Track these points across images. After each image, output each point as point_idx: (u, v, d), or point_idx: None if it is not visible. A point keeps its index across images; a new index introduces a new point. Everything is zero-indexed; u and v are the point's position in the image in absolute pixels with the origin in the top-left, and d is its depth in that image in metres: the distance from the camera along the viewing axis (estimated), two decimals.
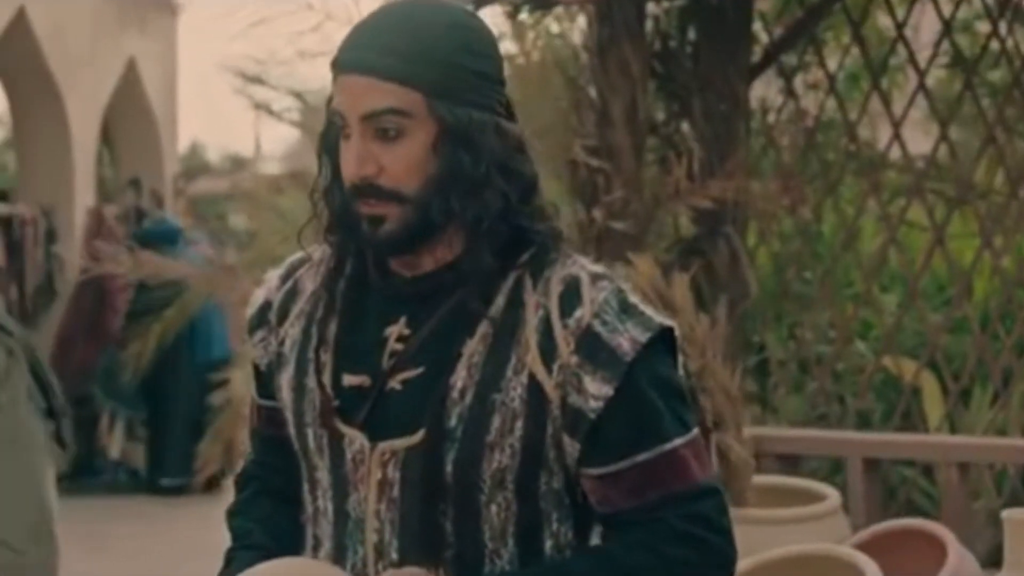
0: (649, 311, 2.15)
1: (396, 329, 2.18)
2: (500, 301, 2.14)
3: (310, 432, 2.23)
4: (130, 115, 13.27)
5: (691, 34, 6.49)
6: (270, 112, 7.68)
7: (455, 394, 2.11)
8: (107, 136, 13.58)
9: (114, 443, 11.90)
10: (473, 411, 2.10)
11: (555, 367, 2.09)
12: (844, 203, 6.81)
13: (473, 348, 2.12)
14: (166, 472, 11.20)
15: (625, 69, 6.04)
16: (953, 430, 6.07)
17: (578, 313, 2.09)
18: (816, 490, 4.66)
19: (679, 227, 6.59)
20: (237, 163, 23.73)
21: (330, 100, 2.17)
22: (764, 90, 6.88)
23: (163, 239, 11.34)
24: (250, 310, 2.36)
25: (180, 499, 10.85)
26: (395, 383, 2.15)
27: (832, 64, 6.61)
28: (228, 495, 2.50)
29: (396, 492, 2.15)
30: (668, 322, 2.17)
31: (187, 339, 10.97)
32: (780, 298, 6.76)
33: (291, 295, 2.31)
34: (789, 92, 6.63)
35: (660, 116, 6.51)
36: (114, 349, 11.33)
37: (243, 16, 7.19)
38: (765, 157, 6.80)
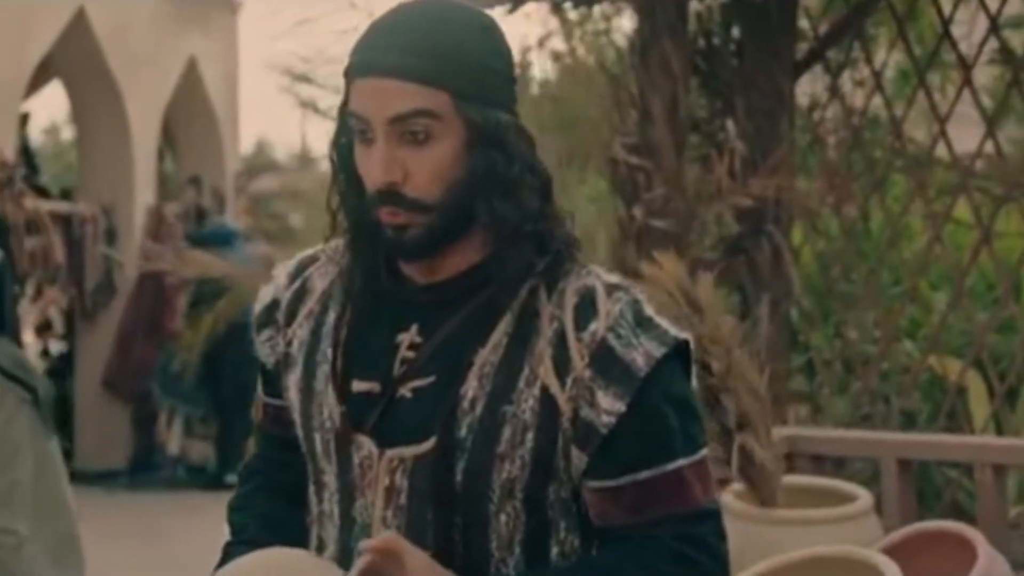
0: (665, 324, 2.13)
1: (408, 336, 2.17)
2: (515, 311, 2.12)
3: (318, 436, 2.23)
4: (191, 113, 13.34)
5: (735, 31, 6.44)
6: (316, 110, 7.69)
7: (466, 404, 2.10)
8: (168, 134, 13.66)
9: (173, 439, 12.01)
10: (484, 422, 2.09)
11: (568, 380, 2.07)
12: (891, 201, 6.73)
13: (485, 358, 2.11)
14: (231, 468, 11.28)
15: (666, 66, 6.01)
16: (999, 431, 5.99)
17: (593, 326, 2.08)
18: (848, 491, 4.61)
19: (722, 226, 6.54)
20: (304, 161, 23.80)
21: (343, 105, 2.15)
22: (810, 87, 6.81)
23: (217, 240, 11.43)
24: (258, 307, 2.36)
25: None
26: (405, 391, 2.15)
27: (878, 61, 6.53)
28: None
29: (403, 499, 2.14)
30: (684, 335, 2.15)
31: (245, 336, 11.02)
32: (826, 297, 6.69)
33: (300, 294, 2.31)
34: (835, 89, 6.56)
35: (703, 114, 6.46)
36: (172, 347, 11.42)
37: (289, 15, 7.24)
38: (811, 155, 6.74)
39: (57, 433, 12.73)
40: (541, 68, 8.65)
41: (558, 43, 7.05)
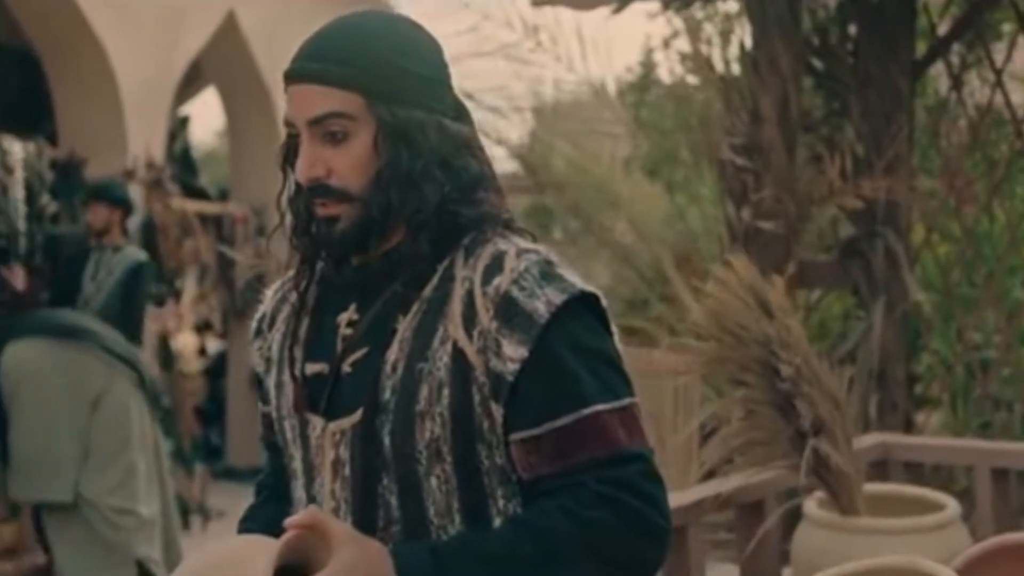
0: (573, 278, 2.17)
1: (346, 315, 2.28)
2: (435, 280, 2.20)
3: (287, 424, 2.34)
4: None
5: (851, 29, 6.33)
6: None
7: (388, 368, 2.17)
8: None
9: None
10: (404, 382, 2.15)
11: (475, 333, 2.13)
12: (1015, 202, 6.56)
13: (406, 324, 2.18)
14: None
15: (776, 66, 5.93)
16: None
17: (497, 280, 2.14)
18: (937, 500, 4.50)
19: (838, 228, 6.44)
20: None
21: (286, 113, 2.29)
22: (930, 85, 6.67)
23: None
24: (253, 323, 2.51)
25: None
26: (346, 366, 2.24)
27: (1000, 58, 6.37)
28: None
29: (347, 471, 2.23)
30: (591, 289, 2.18)
31: None
32: (946, 301, 6.55)
33: (280, 303, 2.45)
34: (955, 87, 6.42)
35: (818, 114, 6.37)
36: None
37: (452, 21, 7.29)
38: (931, 155, 6.61)
39: (211, 430, 13.03)
40: (669, 68, 8.58)
41: (684, 44, 6.96)
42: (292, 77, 2.22)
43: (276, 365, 2.39)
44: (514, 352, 2.10)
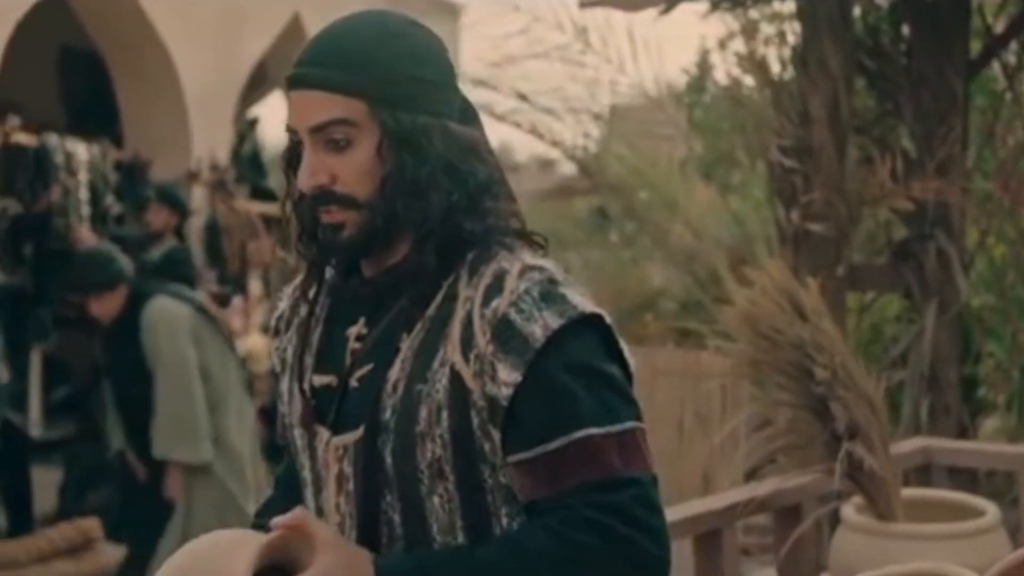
0: (576, 299, 2.12)
1: (356, 329, 2.26)
2: (439, 298, 2.17)
3: (296, 433, 2.34)
4: None
5: (905, 30, 6.26)
6: (493, 114, 7.72)
7: (389, 387, 2.16)
8: None
9: None
10: (404, 403, 2.14)
11: (472, 356, 2.10)
12: None
13: (408, 343, 2.16)
14: None
15: (825, 66, 5.88)
16: None
17: (495, 303, 2.10)
18: (978, 506, 4.44)
19: (890, 230, 6.37)
20: (543, 164, 23.93)
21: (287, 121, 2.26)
22: (986, 86, 6.59)
23: None
24: (272, 320, 2.49)
25: None
26: (354, 381, 2.23)
27: None
28: None
29: (351, 486, 2.22)
30: (593, 310, 2.13)
31: None
32: (1002, 303, 6.47)
33: (295, 305, 2.42)
34: (1011, 87, 6.34)
35: (870, 115, 6.30)
36: None
37: (513, 20, 7.28)
38: (986, 156, 6.52)
39: (273, 431, 13.12)
40: (725, 70, 8.53)
41: (740, 45, 6.91)
42: (293, 83, 2.17)
43: (288, 371, 2.38)
44: (508, 376, 2.07)
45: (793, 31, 6.63)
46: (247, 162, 12.77)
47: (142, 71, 10.12)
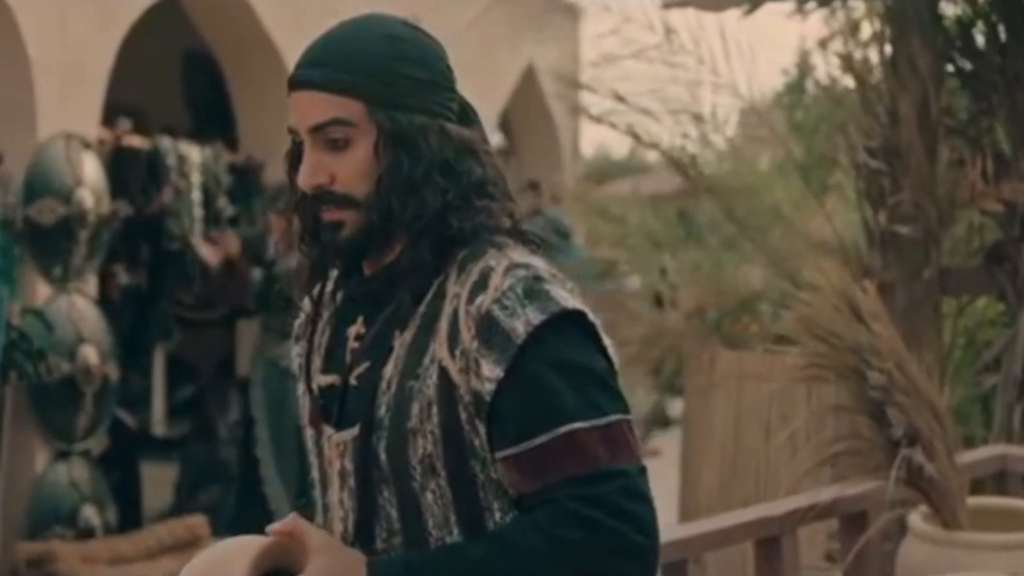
0: (561, 295, 2.16)
1: (355, 328, 2.33)
2: (429, 295, 2.23)
3: (307, 432, 2.41)
4: (530, 119, 13.53)
5: (999, 29, 6.13)
6: (591, 116, 7.69)
7: (384, 384, 2.22)
8: (509, 139, 13.89)
9: None
10: (397, 399, 2.20)
11: (458, 352, 2.15)
12: None
13: (401, 341, 2.22)
14: None
15: (914, 66, 5.78)
16: None
17: (480, 299, 2.15)
18: None
19: (985, 232, 6.24)
20: (645, 168, 23.82)
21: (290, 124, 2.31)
22: None
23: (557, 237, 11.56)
24: (295, 327, 2.56)
25: None
26: (353, 379, 2.29)
27: None
28: None
29: (352, 482, 2.28)
30: (576, 306, 2.16)
31: None
32: None
33: (317, 304, 2.46)
34: None
35: (963, 115, 6.17)
36: None
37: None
38: None
39: None
40: (826, 70, 8.41)
41: (840, 45, 6.81)
42: (295, 85, 2.24)
43: (303, 372, 2.44)
44: (491, 372, 2.12)
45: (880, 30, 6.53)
46: None
47: (254, 74, 10.23)
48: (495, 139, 13.41)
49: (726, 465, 6.37)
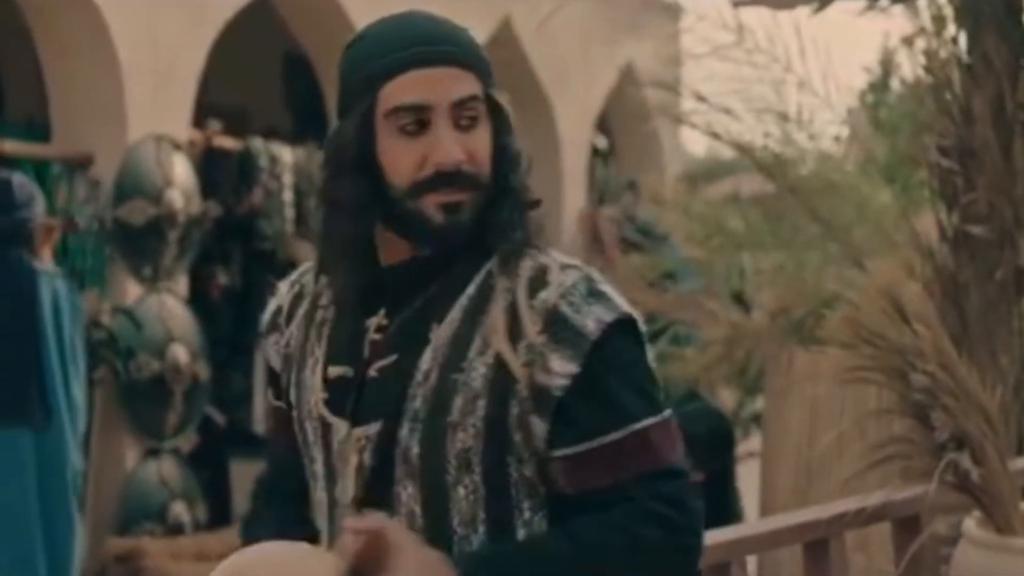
0: (617, 296, 2.22)
1: (376, 320, 2.29)
2: (470, 290, 2.23)
3: (308, 425, 2.36)
4: (628, 119, 13.47)
5: None
6: (672, 116, 7.64)
7: (419, 376, 2.20)
8: (608, 139, 13.86)
9: None
10: (437, 392, 2.18)
11: (521, 347, 2.15)
12: None
13: (440, 333, 2.21)
14: None
15: (989, 63, 5.67)
16: None
17: (544, 294, 2.18)
18: None
19: None
20: (750, 168, 23.52)
21: (360, 114, 2.24)
22: None
23: (647, 237, 11.51)
24: (265, 316, 2.51)
25: None
26: (372, 371, 2.26)
27: None
28: None
29: (370, 477, 2.25)
30: (631, 309, 2.23)
31: None
32: None
33: (297, 298, 2.45)
34: None
35: None
36: None
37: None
38: None
39: None
40: (911, 68, 8.29)
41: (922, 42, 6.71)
42: (428, 61, 2.20)
43: (297, 362, 2.39)
44: (562, 368, 2.14)
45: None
46: None
47: None
48: (594, 138, 13.37)
49: (801, 466, 6.30)
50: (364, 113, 2.23)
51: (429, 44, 2.21)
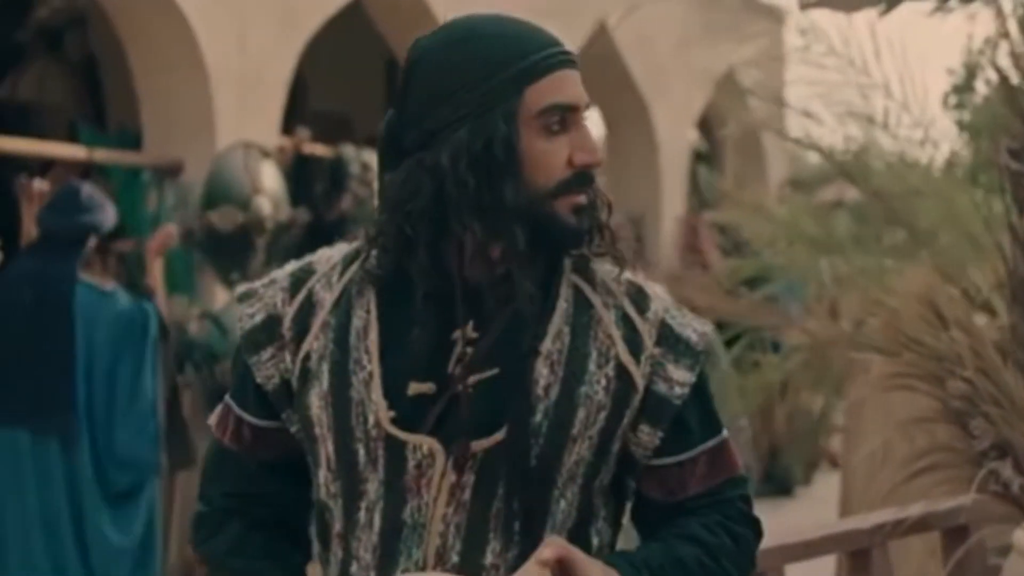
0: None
1: (462, 333, 2.19)
2: (561, 303, 2.21)
3: (360, 446, 2.19)
4: (730, 123, 13.39)
5: None
6: (752, 122, 7.56)
7: (539, 391, 2.16)
8: (709, 143, 13.79)
9: None
10: (559, 406, 2.17)
11: (643, 358, 2.20)
12: None
13: (550, 346, 2.18)
14: None
15: None
16: None
17: (653, 307, 2.23)
18: None
19: None
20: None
21: (504, 113, 2.15)
22: None
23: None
24: (247, 326, 2.31)
25: None
26: (465, 386, 2.17)
27: None
28: None
29: (467, 495, 2.17)
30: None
31: None
32: None
33: (307, 308, 2.26)
34: None
35: None
36: None
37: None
38: None
39: None
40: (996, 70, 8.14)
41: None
42: (568, 63, 2.20)
43: (329, 379, 2.22)
44: (683, 377, 2.22)
45: None
46: None
47: None
48: (695, 142, 13.30)
49: (875, 472, 6.23)
50: (511, 112, 2.15)
51: (558, 46, 2.20)
